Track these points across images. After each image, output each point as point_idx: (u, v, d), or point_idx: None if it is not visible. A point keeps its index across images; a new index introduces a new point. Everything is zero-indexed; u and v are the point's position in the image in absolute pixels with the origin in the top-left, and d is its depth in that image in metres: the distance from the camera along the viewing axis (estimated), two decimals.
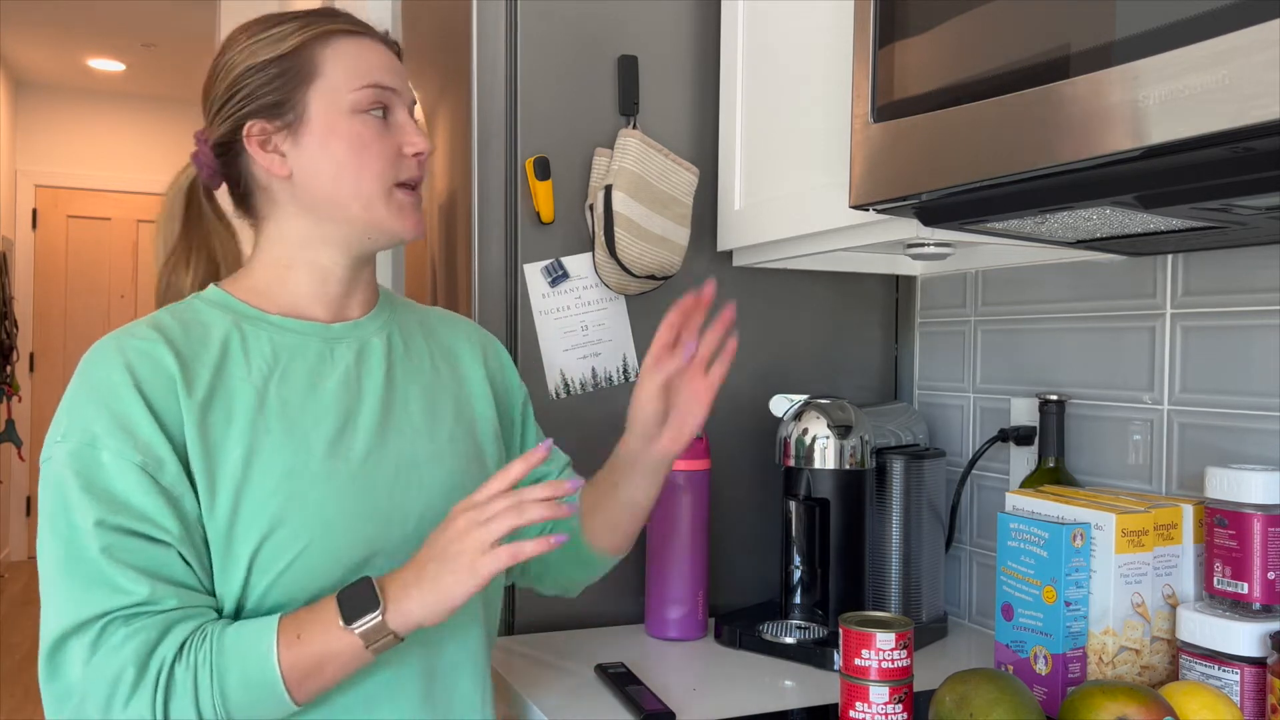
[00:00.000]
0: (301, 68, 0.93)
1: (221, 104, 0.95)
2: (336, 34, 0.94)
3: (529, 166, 1.37)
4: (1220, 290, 1.12)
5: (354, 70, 0.94)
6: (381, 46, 0.97)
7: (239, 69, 0.93)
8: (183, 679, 0.80)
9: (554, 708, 1.09)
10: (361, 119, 0.93)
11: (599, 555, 1.09)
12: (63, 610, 0.80)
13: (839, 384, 1.56)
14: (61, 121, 6.10)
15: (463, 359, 1.07)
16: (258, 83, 0.93)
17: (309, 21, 0.94)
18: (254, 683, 0.81)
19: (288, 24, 0.94)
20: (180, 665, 0.80)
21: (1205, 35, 0.66)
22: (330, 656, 0.82)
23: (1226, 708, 0.88)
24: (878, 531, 1.33)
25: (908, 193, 0.91)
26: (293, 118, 0.93)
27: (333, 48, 0.94)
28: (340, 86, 0.93)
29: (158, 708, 0.79)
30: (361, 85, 0.93)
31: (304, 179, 0.93)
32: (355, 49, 0.95)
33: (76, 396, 0.86)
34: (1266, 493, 0.96)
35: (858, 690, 0.95)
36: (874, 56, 0.94)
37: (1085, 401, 1.28)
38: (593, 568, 1.11)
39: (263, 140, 0.93)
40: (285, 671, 0.81)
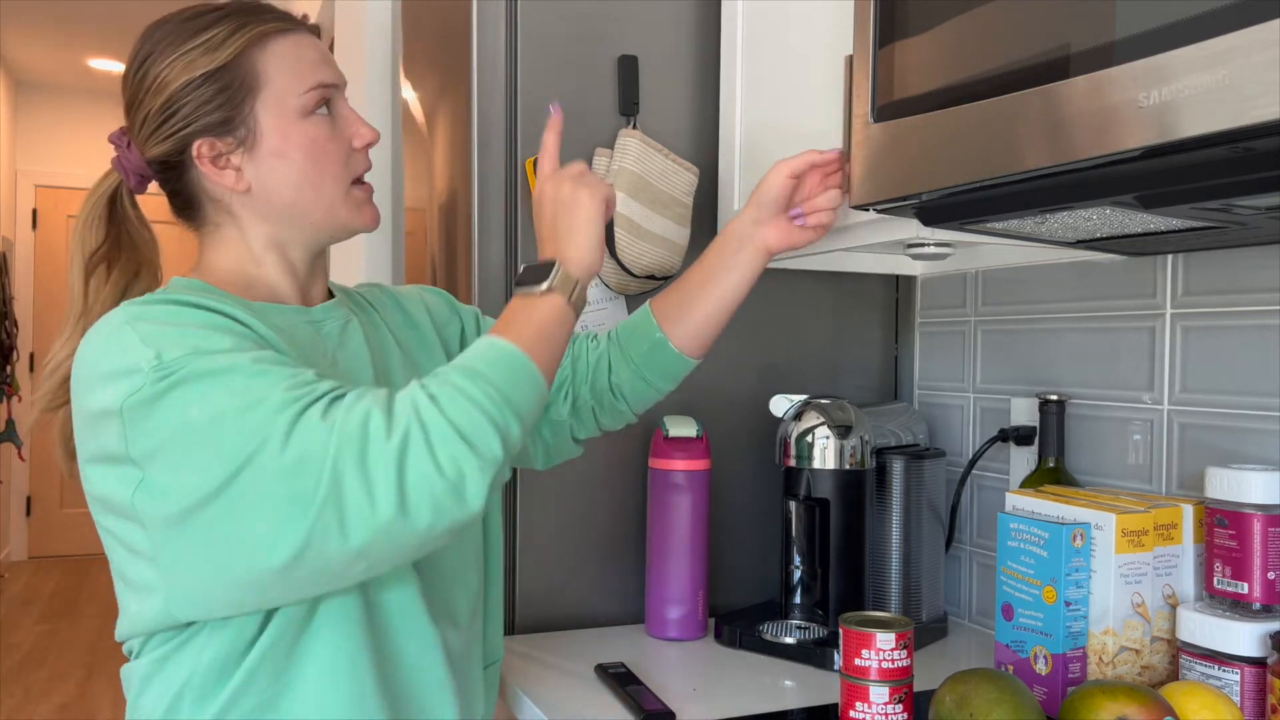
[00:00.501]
0: (244, 79, 0.90)
1: (160, 122, 0.91)
2: (271, 35, 0.92)
3: (529, 166, 1.37)
4: (1220, 290, 1.12)
5: (297, 73, 0.92)
6: (308, 36, 0.95)
7: (175, 84, 0.89)
8: (427, 404, 0.76)
9: (554, 708, 1.09)
10: (312, 121, 0.93)
11: (681, 358, 1.11)
12: (275, 407, 0.74)
13: (839, 384, 1.56)
14: (61, 121, 6.10)
15: (413, 319, 1.09)
16: (200, 99, 0.89)
17: (240, 23, 0.91)
18: (499, 360, 0.80)
19: (218, 27, 0.90)
20: (421, 393, 0.77)
21: (1205, 35, 0.65)
22: (544, 321, 0.86)
23: (1226, 708, 0.88)
24: (878, 531, 1.34)
25: (908, 193, 0.91)
26: (244, 133, 0.91)
27: (270, 51, 0.91)
28: (287, 93, 0.91)
29: (414, 435, 0.74)
30: (307, 89, 0.92)
31: (263, 190, 0.93)
32: (292, 49, 0.93)
33: (131, 338, 0.79)
34: (1266, 493, 0.96)
35: (858, 690, 0.95)
36: (874, 56, 0.94)
37: (1085, 401, 1.28)
38: (674, 372, 1.12)
39: (215, 158, 0.91)
40: (520, 346, 0.82)
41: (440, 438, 0.74)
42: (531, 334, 0.84)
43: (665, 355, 1.10)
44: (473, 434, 0.75)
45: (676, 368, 1.11)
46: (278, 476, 0.73)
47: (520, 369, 0.81)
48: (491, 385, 0.78)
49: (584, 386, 1.12)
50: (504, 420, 0.78)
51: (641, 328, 1.11)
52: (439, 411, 0.75)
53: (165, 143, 0.91)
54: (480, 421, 0.76)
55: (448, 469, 0.74)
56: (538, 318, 0.86)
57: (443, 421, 0.75)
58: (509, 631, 1.37)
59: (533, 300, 0.87)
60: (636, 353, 1.10)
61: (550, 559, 1.38)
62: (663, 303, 1.11)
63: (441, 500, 0.74)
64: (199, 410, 0.75)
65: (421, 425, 0.74)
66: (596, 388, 1.12)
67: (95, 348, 0.81)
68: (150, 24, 0.93)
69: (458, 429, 0.75)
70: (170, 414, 0.75)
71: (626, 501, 1.43)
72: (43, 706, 3.67)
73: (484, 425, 0.76)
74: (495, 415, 0.77)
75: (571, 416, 1.13)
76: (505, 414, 0.78)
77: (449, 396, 0.76)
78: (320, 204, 0.94)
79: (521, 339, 0.83)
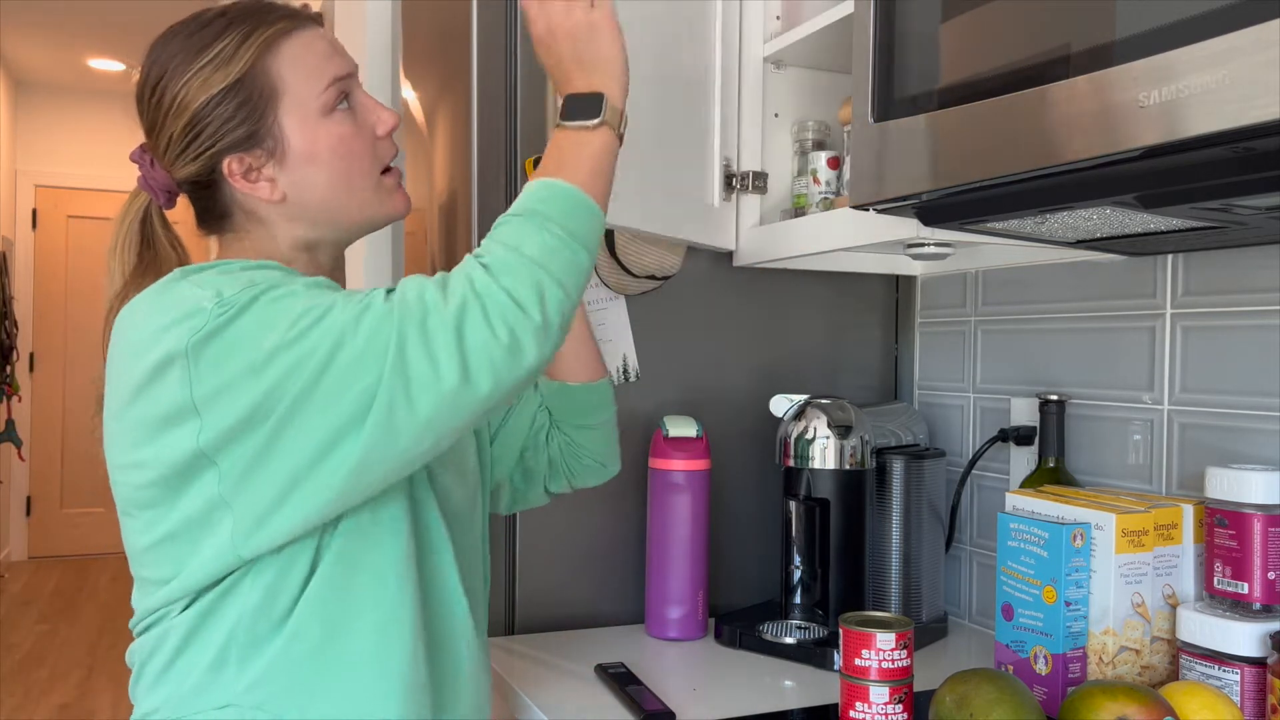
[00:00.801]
0: (263, 89, 0.90)
1: (185, 144, 0.90)
2: (279, 37, 0.91)
3: (529, 166, 1.36)
4: (1220, 290, 1.12)
5: (312, 73, 0.92)
6: (313, 29, 0.94)
7: (195, 104, 0.89)
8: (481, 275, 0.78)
9: (554, 708, 1.09)
10: (335, 118, 0.93)
11: (587, 385, 1.12)
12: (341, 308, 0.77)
13: (839, 384, 1.56)
14: (61, 121, 6.10)
15: None
16: (222, 117, 0.89)
17: (248, 30, 0.90)
18: (558, 198, 0.82)
19: (227, 38, 0.89)
20: (475, 263, 0.79)
21: (1205, 35, 0.65)
22: (597, 157, 0.86)
23: (1226, 708, 0.88)
24: (878, 531, 1.33)
25: (908, 193, 0.91)
26: (271, 143, 0.91)
27: (282, 55, 0.91)
28: (306, 95, 0.91)
29: (470, 305, 0.76)
30: (325, 86, 0.92)
31: (298, 196, 0.93)
32: (303, 48, 0.92)
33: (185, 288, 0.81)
34: (1267, 493, 0.96)
35: (858, 690, 0.95)
36: (874, 56, 0.94)
37: (1085, 401, 1.28)
38: (591, 401, 1.13)
39: (246, 172, 0.91)
40: (576, 185, 0.84)
41: (495, 305, 0.76)
42: (588, 171, 0.85)
43: (573, 393, 1.13)
44: (525, 297, 0.76)
45: (590, 396, 1.13)
46: (352, 366, 0.75)
47: (582, 207, 0.83)
48: (555, 223, 0.80)
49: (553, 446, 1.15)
50: (567, 258, 0.79)
51: (542, 387, 1.14)
52: (492, 280, 0.77)
53: (194, 163, 0.91)
54: (529, 282, 0.77)
55: (501, 334, 0.75)
56: (589, 154, 0.86)
57: (496, 289, 0.76)
58: (509, 631, 1.37)
59: (585, 135, 0.87)
60: (556, 410, 1.14)
61: (550, 559, 1.38)
62: None
63: (500, 365, 0.76)
64: (271, 333, 0.77)
65: (477, 295, 0.76)
66: (551, 457, 1.15)
67: (145, 310, 0.82)
68: (156, 40, 0.93)
69: (511, 295, 0.76)
70: (242, 340, 0.77)
71: (626, 501, 1.43)
72: (43, 706, 3.67)
73: (533, 286, 0.77)
74: (552, 263, 0.78)
75: (547, 468, 1.16)
76: (569, 250, 0.80)
77: (502, 261, 0.77)
78: (354, 200, 0.94)
79: (579, 177, 0.84)
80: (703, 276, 1.47)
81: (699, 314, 1.47)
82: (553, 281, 0.78)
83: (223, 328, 0.77)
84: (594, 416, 1.14)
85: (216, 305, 0.78)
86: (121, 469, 0.85)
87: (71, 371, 6.10)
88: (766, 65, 1.41)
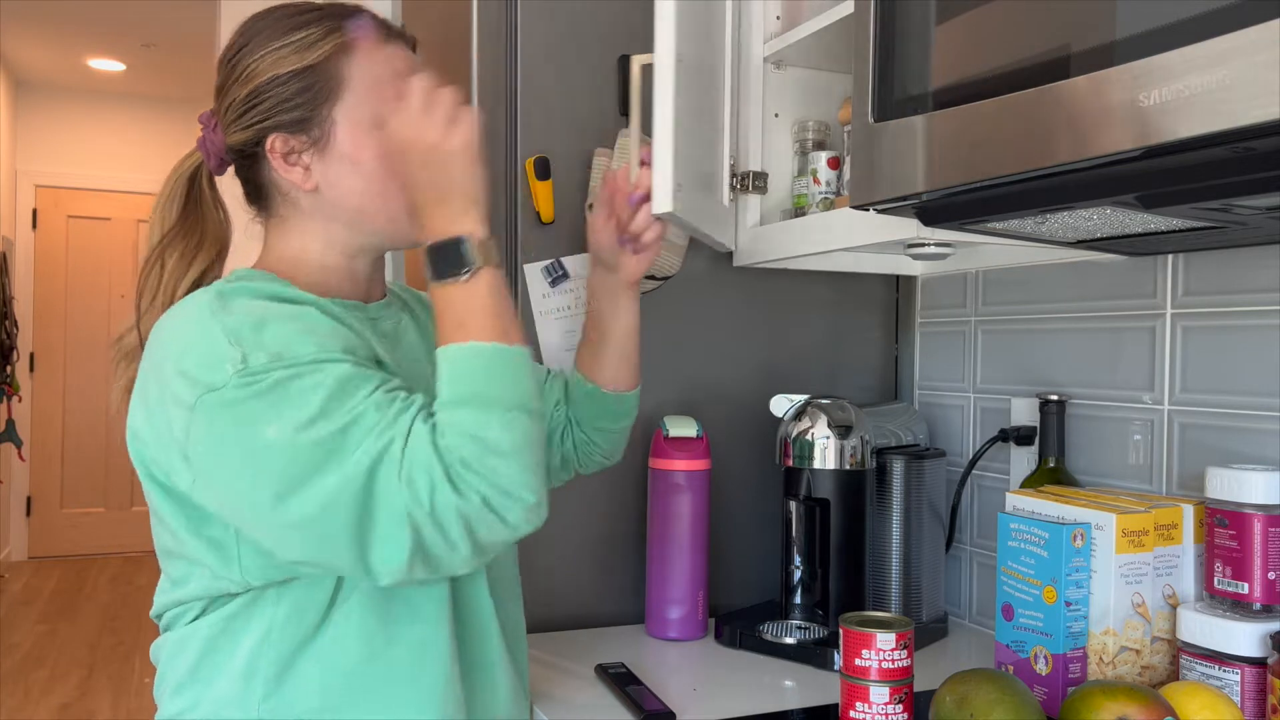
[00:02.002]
0: (328, 83, 0.91)
1: (242, 111, 0.92)
2: (363, 42, 0.93)
3: (529, 166, 1.37)
4: (1220, 290, 1.12)
5: (380, 84, 0.92)
6: (401, 48, 0.96)
7: (262, 77, 0.91)
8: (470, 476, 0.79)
9: (554, 708, 1.09)
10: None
11: (620, 394, 1.15)
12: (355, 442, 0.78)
13: (839, 384, 1.56)
14: (61, 121, 6.10)
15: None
16: (282, 96, 0.91)
17: (335, 27, 0.92)
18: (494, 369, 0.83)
19: (315, 28, 0.91)
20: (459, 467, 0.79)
21: (1205, 35, 0.65)
22: (491, 302, 0.85)
23: (1227, 708, 0.88)
24: (878, 531, 1.33)
25: (908, 193, 0.91)
26: (319, 134, 0.92)
27: (358, 58, 0.92)
28: (367, 103, 0.92)
29: (472, 505, 0.78)
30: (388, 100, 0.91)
31: (330, 193, 0.93)
32: (384, 59, 0.93)
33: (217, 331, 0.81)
34: (1267, 493, 0.96)
35: (858, 690, 0.95)
36: (874, 56, 0.94)
37: (1085, 401, 1.28)
38: (620, 409, 1.16)
39: (286, 154, 0.92)
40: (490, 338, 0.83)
41: (489, 509, 0.78)
42: (492, 322, 0.84)
43: (605, 400, 1.14)
44: (510, 485, 0.79)
45: (620, 405, 1.16)
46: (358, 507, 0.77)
47: (512, 367, 0.83)
48: (502, 405, 0.80)
49: (569, 437, 1.17)
50: (523, 430, 0.81)
51: (575, 388, 1.15)
52: (483, 481, 0.78)
53: (244, 132, 0.93)
54: (512, 477, 0.79)
55: (507, 520, 0.79)
56: (480, 306, 0.84)
57: (485, 486, 0.78)
58: None
59: (465, 290, 0.84)
60: (583, 412, 1.15)
61: (550, 559, 1.38)
62: (578, 361, 1.16)
63: (502, 541, 0.81)
64: (276, 429, 0.77)
65: (481, 496, 0.78)
66: (577, 443, 1.17)
67: (179, 336, 0.83)
68: (255, 13, 0.95)
69: (501, 488, 0.78)
70: (244, 425, 0.78)
71: (627, 501, 1.43)
72: (43, 706, 3.67)
73: (515, 479, 0.79)
74: (520, 443, 0.80)
75: (560, 464, 1.18)
76: (523, 423, 0.81)
77: (479, 461, 0.78)
78: (384, 213, 0.94)
79: (488, 333, 0.83)
80: (703, 276, 1.47)
81: (699, 314, 1.47)
82: (523, 467, 0.80)
83: (234, 404, 0.78)
84: (618, 422, 1.16)
85: (237, 375, 0.78)
86: (144, 465, 0.87)
87: (71, 371, 6.09)
88: (767, 65, 1.41)
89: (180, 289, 0.96)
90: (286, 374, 0.78)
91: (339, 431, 0.77)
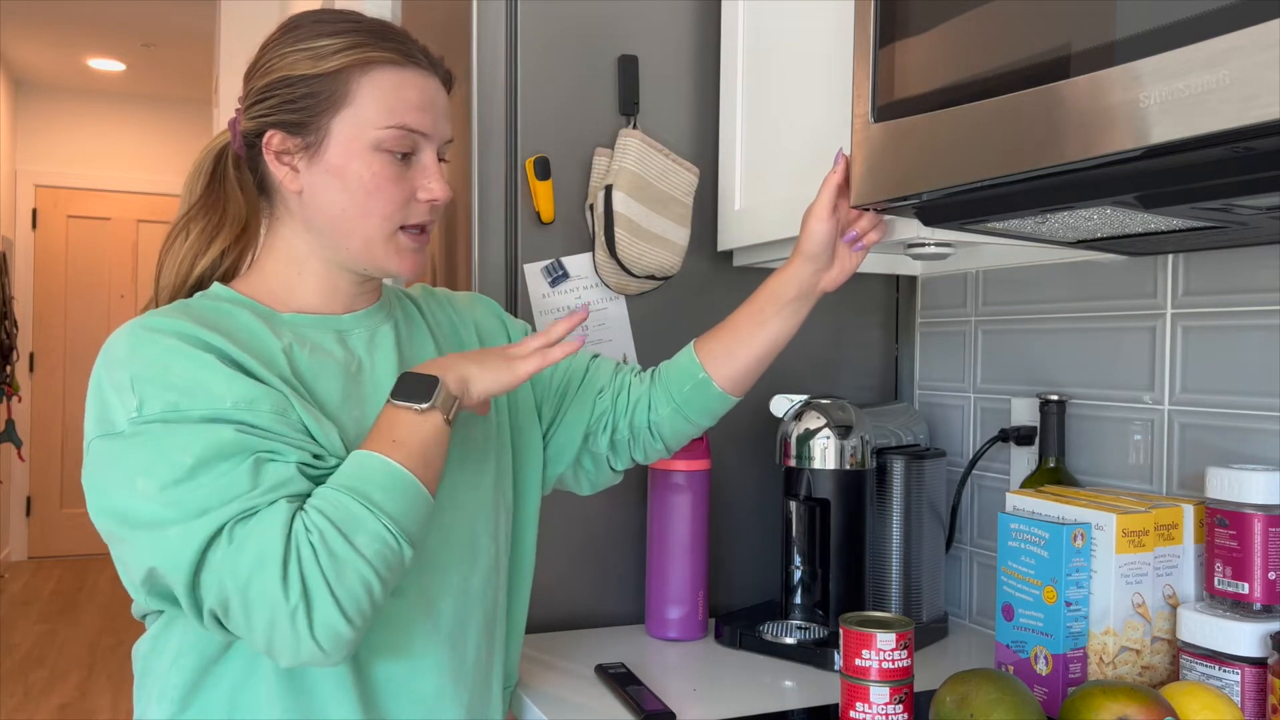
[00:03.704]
0: (333, 94, 0.91)
1: (252, 101, 0.94)
2: (380, 63, 0.92)
3: (529, 166, 1.37)
4: (1220, 290, 1.12)
5: (387, 107, 0.92)
6: (425, 79, 0.95)
7: (275, 75, 0.92)
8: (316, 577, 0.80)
9: (554, 708, 1.09)
10: (381, 158, 0.92)
11: (724, 397, 1.11)
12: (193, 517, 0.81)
13: (839, 384, 1.56)
14: (61, 121, 6.10)
15: (460, 327, 1.11)
16: (286, 97, 0.92)
17: (357, 42, 0.92)
18: (398, 492, 0.83)
19: (336, 39, 0.92)
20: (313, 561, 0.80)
21: (1205, 35, 0.65)
22: (429, 442, 0.87)
23: (1227, 708, 0.88)
24: (878, 531, 1.33)
25: (908, 193, 0.91)
26: (313, 140, 0.92)
27: (371, 77, 0.92)
28: (367, 121, 0.91)
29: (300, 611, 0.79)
30: (389, 125, 0.91)
31: (311, 200, 0.94)
32: (395, 82, 0.93)
33: (125, 377, 0.84)
34: (1267, 493, 0.96)
35: (858, 690, 0.95)
36: (874, 56, 0.94)
37: (1085, 401, 1.28)
38: (716, 410, 1.13)
39: (280, 152, 0.93)
40: (412, 470, 0.85)
41: (316, 599, 0.79)
42: (420, 457, 0.86)
43: (708, 394, 1.11)
44: (341, 592, 0.80)
45: (718, 406, 1.12)
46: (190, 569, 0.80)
47: (415, 496, 0.85)
48: (390, 519, 0.82)
49: (623, 422, 1.13)
50: (394, 560, 0.83)
51: (686, 368, 1.11)
52: (325, 577, 0.79)
53: (251, 121, 0.95)
54: (358, 588, 0.80)
55: (337, 626, 0.80)
56: (421, 439, 0.87)
57: (326, 593, 0.79)
58: None
59: (416, 418, 0.87)
60: (679, 392, 1.11)
61: (550, 559, 1.38)
62: (709, 344, 1.11)
63: (290, 649, 0.81)
64: (144, 481, 0.81)
65: (302, 591, 0.79)
66: (635, 425, 1.13)
67: (100, 369, 0.87)
68: (300, 12, 0.97)
69: (331, 590, 0.79)
70: (120, 470, 0.82)
71: (626, 501, 1.43)
72: (43, 706, 3.67)
73: (361, 591, 0.80)
74: (382, 567, 0.81)
75: (609, 450, 1.15)
76: (400, 549, 0.83)
77: (345, 564, 0.80)
78: (359, 235, 0.94)
79: (412, 461, 0.85)
80: (703, 276, 1.47)
81: (699, 314, 1.47)
82: (378, 579, 0.81)
83: (118, 450, 0.82)
84: (706, 419, 1.14)
85: (129, 423, 0.82)
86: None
87: (71, 371, 6.10)
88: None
89: (199, 265, 0.99)
90: (165, 430, 0.81)
91: (196, 495, 0.80)
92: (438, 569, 0.95)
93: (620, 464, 1.16)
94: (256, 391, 0.84)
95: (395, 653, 0.92)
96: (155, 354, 0.84)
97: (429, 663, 0.94)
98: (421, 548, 0.91)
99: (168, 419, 0.82)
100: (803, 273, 1.08)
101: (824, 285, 1.09)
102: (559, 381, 1.14)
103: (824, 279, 1.09)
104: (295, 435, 0.85)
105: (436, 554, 0.95)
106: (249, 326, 0.91)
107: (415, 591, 0.93)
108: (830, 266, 1.09)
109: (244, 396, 0.83)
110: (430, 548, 0.94)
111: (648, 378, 1.15)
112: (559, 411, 1.13)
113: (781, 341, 1.11)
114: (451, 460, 0.97)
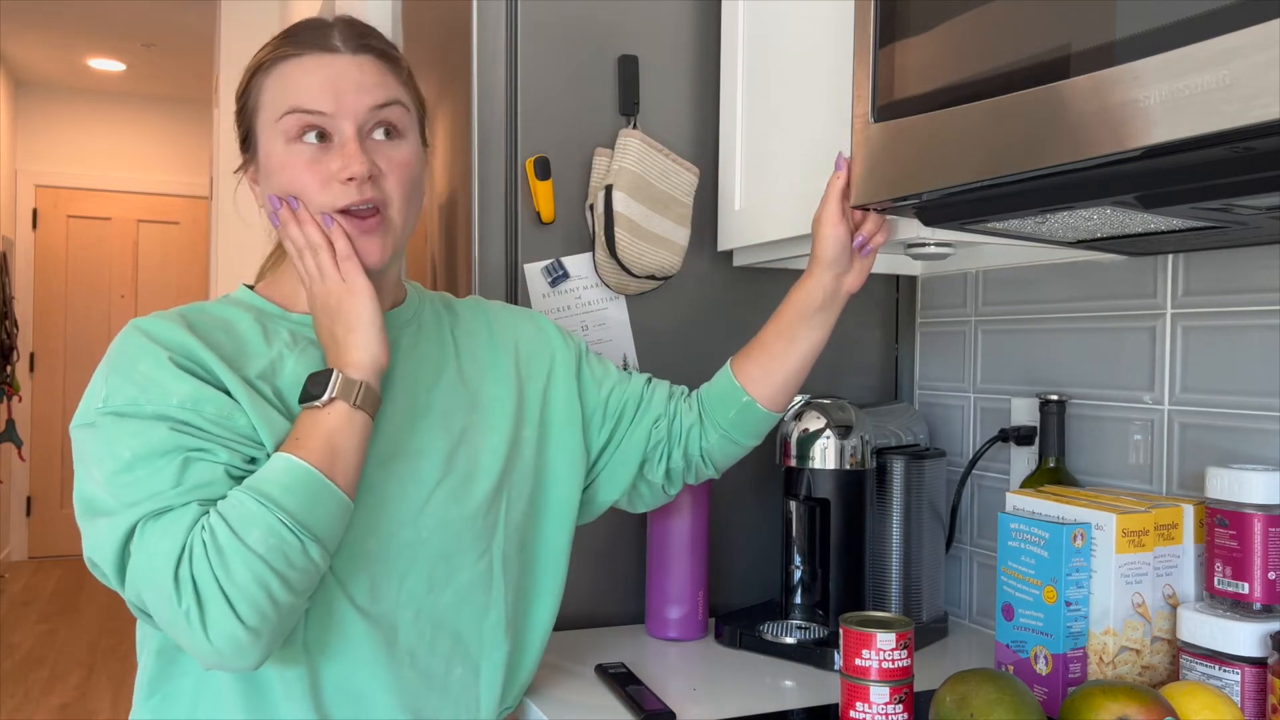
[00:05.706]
0: (250, 101, 0.95)
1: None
2: (275, 60, 0.93)
3: (529, 166, 1.37)
4: (1220, 290, 1.12)
5: (279, 97, 0.92)
6: (328, 60, 0.92)
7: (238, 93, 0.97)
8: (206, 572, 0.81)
9: (554, 708, 1.09)
10: (294, 148, 0.91)
11: (769, 415, 1.12)
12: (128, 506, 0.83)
13: (839, 384, 1.56)
14: (61, 121, 6.10)
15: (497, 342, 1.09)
16: (236, 110, 0.97)
17: (264, 52, 0.94)
18: (298, 486, 0.83)
19: (267, 46, 0.95)
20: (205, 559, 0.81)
21: (1205, 35, 0.65)
22: (332, 432, 0.86)
23: (1227, 708, 0.88)
24: (878, 531, 1.33)
25: (908, 193, 0.91)
26: (253, 153, 0.96)
27: (273, 75, 0.93)
28: (270, 116, 0.93)
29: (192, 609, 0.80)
30: (282, 113, 0.91)
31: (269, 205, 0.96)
32: (288, 72, 0.92)
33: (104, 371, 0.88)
34: (1267, 493, 0.96)
35: (858, 690, 0.95)
36: (874, 56, 0.94)
37: (1085, 401, 1.28)
38: (762, 429, 1.14)
39: (247, 168, 0.97)
40: (314, 464, 0.84)
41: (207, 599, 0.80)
42: (323, 451, 0.85)
43: (754, 415, 1.12)
44: (244, 606, 0.80)
45: (765, 426, 1.14)
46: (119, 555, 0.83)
47: (313, 490, 0.84)
48: (287, 514, 0.82)
49: (677, 450, 1.14)
50: (294, 557, 0.82)
51: (727, 393, 1.12)
52: (216, 576, 0.80)
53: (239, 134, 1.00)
54: (251, 586, 0.80)
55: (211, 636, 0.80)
56: (323, 432, 0.86)
57: (217, 591, 0.80)
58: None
59: (318, 414, 0.87)
60: (724, 418, 1.12)
61: None
62: (746, 366, 1.12)
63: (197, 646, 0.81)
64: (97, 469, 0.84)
65: (198, 598, 0.80)
66: (688, 454, 1.14)
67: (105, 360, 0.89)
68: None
69: (220, 589, 0.80)
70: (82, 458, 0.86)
71: None
72: (43, 706, 3.67)
73: (255, 589, 0.80)
74: (278, 563, 0.81)
75: (664, 479, 1.15)
76: (301, 544, 0.82)
77: (234, 561, 0.80)
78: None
79: (315, 456, 0.85)
80: (703, 276, 1.47)
81: (699, 314, 1.47)
82: (275, 577, 0.81)
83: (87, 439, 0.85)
84: (754, 439, 1.15)
85: (97, 413, 0.85)
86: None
87: (72, 371, 6.10)
88: None
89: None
90: (118, 423, 0.84)
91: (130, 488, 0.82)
92: (381, 576, 0.93)
93: (673, 489, 1.18)
94: (204, 393, 0.85)
95: (345, 659, 0.91)
96: (130, 351, 0.87)
97: (382, 675, 0.92)
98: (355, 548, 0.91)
99: (123, 413, 0.84)
100: (824, 280, 1.08)
101: (847, 288, 1.10)
102: (613, 408, 1.13)
103: (846, 282, 1.10)
104: (234, 438, 0.85)
105: (376, 559, 0.92)
106: (241, 332, 0.92)
107: (364, 596, 0.91)
108: (850, 269, 1.09)
109: (190, 396, 0.85)
110: (370, 551, 0.92)
111: (695, 403, 1.15)
112: (611, 438, 1.13)
113: (816, 351, 1.12)
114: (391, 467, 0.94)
